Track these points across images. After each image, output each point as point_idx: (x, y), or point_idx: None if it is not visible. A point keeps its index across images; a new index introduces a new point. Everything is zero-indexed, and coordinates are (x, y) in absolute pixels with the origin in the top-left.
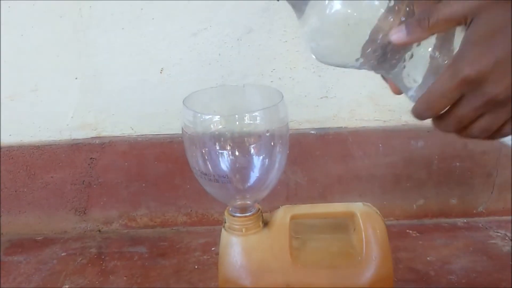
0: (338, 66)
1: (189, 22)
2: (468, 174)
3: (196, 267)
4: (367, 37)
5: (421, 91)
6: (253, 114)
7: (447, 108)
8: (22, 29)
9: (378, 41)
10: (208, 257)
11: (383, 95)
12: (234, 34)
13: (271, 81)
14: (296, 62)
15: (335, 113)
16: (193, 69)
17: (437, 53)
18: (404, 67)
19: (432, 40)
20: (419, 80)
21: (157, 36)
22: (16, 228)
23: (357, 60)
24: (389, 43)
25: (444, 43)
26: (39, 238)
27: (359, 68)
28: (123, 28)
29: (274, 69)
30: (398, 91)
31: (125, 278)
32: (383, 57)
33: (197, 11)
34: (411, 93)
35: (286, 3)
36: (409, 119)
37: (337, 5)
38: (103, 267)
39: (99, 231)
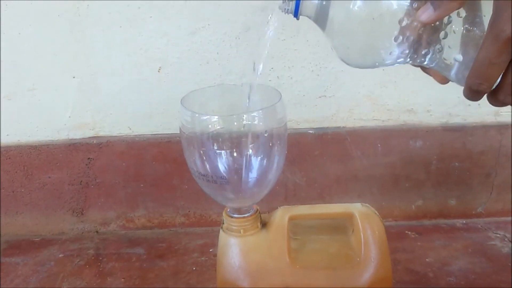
0: (374, 66)
1: (187, 20)
2: (467, 175)
3: (194, 268)
4: (396, 28)
5: (466, 69)
6: (252, 114)
7: (499, 80)
8: (19, 28)
9: (408, 27)
10: (206, 258)
11: (381, 95)
12: (232, 33)
13: (269, 80)
14: (295, 61)
15: (334, 112)
16: (191, 68)
17: (469, 26)
18: (441, 49)
19: (462, 14)
20: (460, 58)
21: (155, 35)
22: (14, 229)
23: (390, 53)
24: (420, 26)
25: (473, 14)
26: (37, 239)
27: (394, 62)
28: (120, 27)
29: (272, 68)
30: (443, 80)
31: (123, 279)
32: (417, 43)
33: (195, 9)
34: (456, 74)
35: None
36: (407, 119)
37: (357, 4)
38: (101, 269)
39: (97, 232)
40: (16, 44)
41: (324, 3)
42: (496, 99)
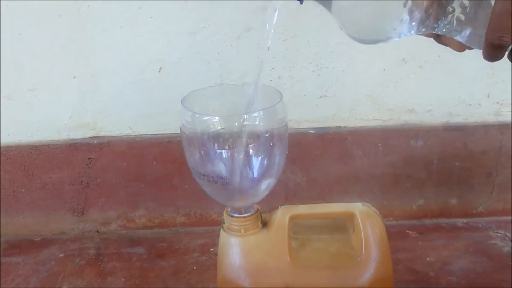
0: (386, 39)
1: (188, 20)
2: (468, 174)
3: (194, 268)
4: None
5: (482, 28)
6: (253, 114)
7: None
8: (20, 28)
9: None
10: (207, 258)
11: (382, 95)
12: (233, 33)
13: (270, 80)
14: (296, 61)
15: (335, 112)
16: (192, 68)
17: None
18: (453, 9)
19: None
20: (474, 16)
21: (155, 35)
22: (14, 229)
23: (402, 21)
24: None
25: None
26: (37, 239)
27: (406, 32)
28: (121, 27)
29: (273, 68)
30: (460, 47)
31: (123, 279)
32: (429, 7)
33: (196, 9)
34: (472, 36)
35: (285, 3)
36: (408, 119)
37: None
38: (101, 268)
39: (97, 232)
40: (17, 44)
41: None
42: None
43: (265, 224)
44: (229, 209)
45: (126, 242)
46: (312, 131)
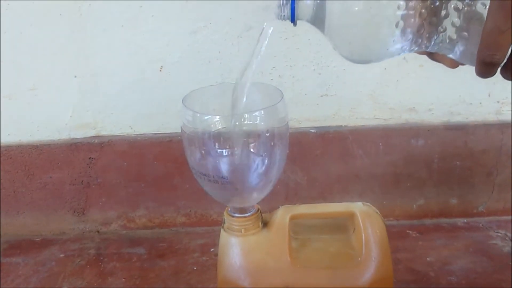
0: (379, 58)
1: (189, 20)
2: (468, 174)
3: (195, 268)
4: (396, 12)
5: (474, 45)
6: (253, 114)
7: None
8: (20, 28)
9: (409, 10)
10: (207, 258)
11: (383, 94)
12: (234, 32)
13: (271, 79)
14: (296, 60)
15: (335, 111)
16: (193, 68)
17: (470, 0)
18: (444, 28)
19: None
20: (465, 35)
21: (156, 34)
22: (14, 229)
23: (394, 41)
24: (420, 7)
25: None
26: (38, 239)
27: (399, 51)
28: (122, 26)
29: (274, 67)
30: (452, 63)
31: (123, 279)
32: (420, 26)
33: (197, 8)
34: (464, 53)
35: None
36: (409, 118)
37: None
38: (102, 269)
39: (98, 232)
40: (17, 43)
41: (319, 2)
42: (510, 73)
43: (265, 224)
44: (229, 209)
45: (126, 242)
46: (312, 130)
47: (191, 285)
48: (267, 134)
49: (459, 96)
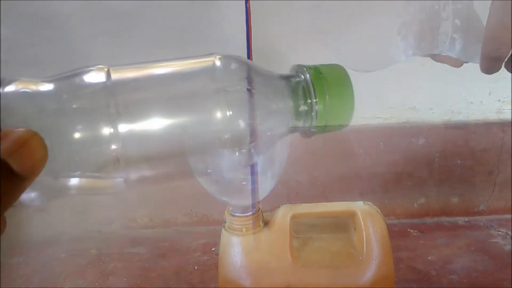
0: (383, 67)
1: None
2: (469, 172)
3: (196, 267)
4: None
5: (476, 43)
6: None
7: None
8: None
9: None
10: (208, 257)
11: (384, 93)
12: None
13: None
14: (296, 60)
15: None
16: None
17: (468, 0)
18: (446, 31)
19: None
20: (468, 34)
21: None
22: (15, 229)
23: (397, 48)
24: (421, 14)
25: None
26: (39, 239)
27: (405, 57)
28: None
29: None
30: (457, 63)
31: (125, 279)
32: (421, 31)
33: None
34: (468, 52)
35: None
36: (410, 117)
37: None
38: (103, 268)
39: (99, 231)
40: None
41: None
42: None
43: (266, 223)
44: (230, 208)
45: (127, 242)
46: (313, 130)
47: (192, 284)
48: (268, 133)
49: (460, 95)
